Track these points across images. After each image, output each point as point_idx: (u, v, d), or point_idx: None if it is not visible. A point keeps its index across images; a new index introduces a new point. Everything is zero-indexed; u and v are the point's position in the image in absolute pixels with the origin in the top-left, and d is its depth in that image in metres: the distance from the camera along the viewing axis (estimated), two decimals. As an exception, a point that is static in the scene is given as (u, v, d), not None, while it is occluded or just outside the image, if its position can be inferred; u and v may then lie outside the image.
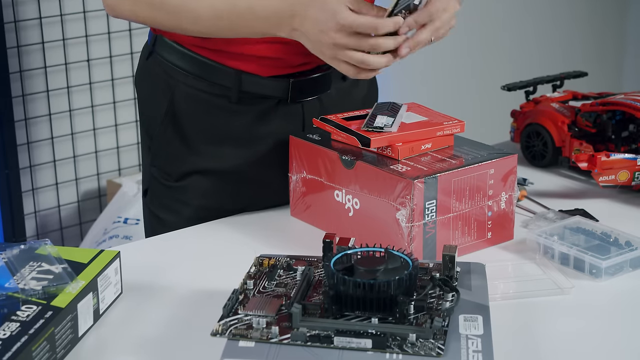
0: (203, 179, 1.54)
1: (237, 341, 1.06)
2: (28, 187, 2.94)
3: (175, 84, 1.53)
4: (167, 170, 1.57)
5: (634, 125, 1.68)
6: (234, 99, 1.52)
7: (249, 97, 1.52)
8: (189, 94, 1.53)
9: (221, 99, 1.53)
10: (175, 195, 1.57)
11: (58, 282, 1.18)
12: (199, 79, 1.52)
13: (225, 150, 1.54)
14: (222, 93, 1.52)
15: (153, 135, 1.58)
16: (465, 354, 1.03)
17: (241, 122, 1.53)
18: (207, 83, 1.52)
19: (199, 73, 1.52)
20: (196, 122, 1.54)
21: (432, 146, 1.43)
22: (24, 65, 2.86)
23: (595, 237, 1.42)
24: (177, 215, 1.56)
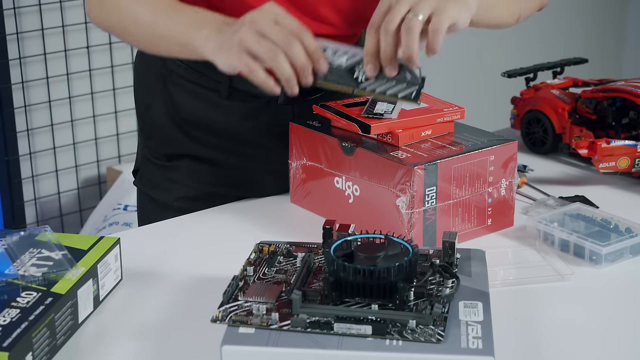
0: (195, 162, 1.54)
1: (237, 327, 1.06)
2: (28, 174, 2.94)
3: (169, 73, 1.53)
4: (160, 152, 1.57)
5: (635, 112, 1.68)
6: (224, 94, 1.52)
7: (239, 94, 1.52)
8: (181, 85, 1.53)
9: (212, 93, 1.52)
10: (166, 174, 1.57)
11: (58, 269, 1.18)
12: (190, 70, 1.51)
13: (216, 140, 1.53)
14: (213, 87, 1.52)
15: (147, 118, 1.58)
16: (465, 340, 1.03)
17: (230, 118, 1.53)
18: (198, 75, 1.52)
19: (191, 65, 1.51)
20: (189, 110, 1.53)
21: (432, 133, 1.43)
22: (24, 52, 2.85)
23: (595, 224, 1.42)
24: (168, 193, 1.56)
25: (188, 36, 1.26)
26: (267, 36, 1.16)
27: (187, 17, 1.28)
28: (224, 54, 1.21)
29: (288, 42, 1.15)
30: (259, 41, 1.16)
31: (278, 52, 1.15)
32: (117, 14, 1.35)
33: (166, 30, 1.30)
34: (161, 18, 1.30)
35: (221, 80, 1.51)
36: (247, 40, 1.17)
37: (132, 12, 1.33)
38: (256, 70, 1.17)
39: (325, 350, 1.02)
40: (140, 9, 1.32)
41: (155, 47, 1.34)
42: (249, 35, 1.17)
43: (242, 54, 1.18)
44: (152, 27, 1.31)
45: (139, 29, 1.32)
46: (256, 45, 1.16)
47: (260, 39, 1.16)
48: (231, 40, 1.19)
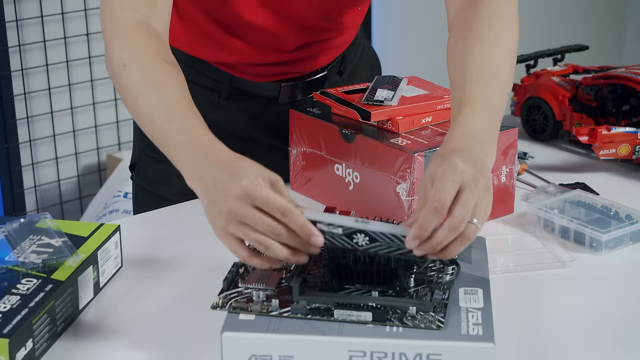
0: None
1: (237, 314, 1.06)
2: (28, 161, 2.94)
3: None
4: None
5: (635, 99, 1.68)
6: (225, 94, 1.51)
7: (239, 93, 1.51)
8: None
9: (211, 93, 1.51)
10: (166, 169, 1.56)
11: (58, 256, 1.18)
12: (189, 69, 1.51)
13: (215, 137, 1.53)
14: (212, 87, 1.51)
15: None
16: (466, 327, 1.03)
17: (230, 117, 1.52)
18: (198, 74, 1.51)
19: (190, 64, 1.51)
20: None
21: (432, 120, 1.43)
22: (23, 39, 2.85)
23: (595, 211, 1.42)
24: (167, 187, 1.55)
25: (176, 163, 1.16)
26: (252, 227, 1.07)
27: (175, 135, 1.16)
28: (212, 225, 1.11)
29: (275, 230, 1.06)
30: (246, 234, 1.07)
31: (268, 242, 1.07)
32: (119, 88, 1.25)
33: (159, 138, 1.18)
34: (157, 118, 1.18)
35: (221, 81, 1.50)
36: (233, 231, 1.08)
37: (132, 94, 1.21)
38: (247, 258, 1.09)
39: (326, 337, 1.02)
40: (143, 95, 1.20)
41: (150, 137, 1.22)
42: (233, 227, 1.07)
43: (230, 241, 1.09)
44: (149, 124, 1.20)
45: (137, 116, 1.22)
46: (243, 237, 1.08)
47: (246, 230, 1.07)
48: (215, 221, 1.09)
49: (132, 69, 1.20)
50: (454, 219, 1.05)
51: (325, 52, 1.53)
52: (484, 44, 1.23)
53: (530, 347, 1.12)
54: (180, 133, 1.15)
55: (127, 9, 1.24)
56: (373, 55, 1.69)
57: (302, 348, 1.02)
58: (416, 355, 1.01)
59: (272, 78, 1.51)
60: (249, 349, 1.03)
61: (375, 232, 1.07)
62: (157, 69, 1.21)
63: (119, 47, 1.23)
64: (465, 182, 1.07)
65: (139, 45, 1.22)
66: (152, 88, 1.19)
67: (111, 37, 1.24)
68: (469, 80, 1.19)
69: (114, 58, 1.23)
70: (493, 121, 1.17)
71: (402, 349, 1.01)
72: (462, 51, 1.22)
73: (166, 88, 1.19)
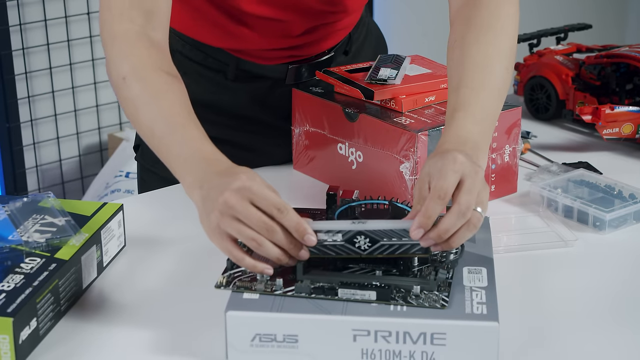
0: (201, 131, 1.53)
1: (241, 293, 1.06)
2: (29, 141, 2.93)
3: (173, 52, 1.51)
4: None
5: (638, 78, 1.67)
6: (231, 76, 1.51)
7: (245, 75, 1.51)
8: (185, 65, 1.50)
9: (217, 75, 1.51)
10: None
11: (61, 235, 1.18)
12: (196, 50, 1.50)
13: (221, 119, 1.52)
14: (219, 68, 1.51)
15: None
16: (470, 306, 1.03)
17: (237, 99, 1.52)
18: (204, 55, 1.50)
19: (197, 45, 1.50)
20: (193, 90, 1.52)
21: (435, 99, 1.43)
22: (24, 18, 2.84)
23: (599, 190, 1.41)
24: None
25: (176, 173, 1.16)
26: (247, 224, 1.06)
27: (176, 147, 1.16)
28: (205, 227, 1.10)
29: (269, 228, 1.05)
30: (239, 230, 1.06)
31: (261, 239, 1.06)
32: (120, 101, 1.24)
33: (160, 149, 1.18)
34: (157, 130, 1.18)
35: (228, 63, 1.50)
36: (225, 226, 1.06)
37: (133, 106, 1.20)
38: (241, 260, 1.07)
39: (330, 316, 1.02)
40: (143, 107, 1.20)
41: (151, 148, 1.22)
42: (226, 222, 1.06)
43: (223, 239, 1.08)
44: (150, 135, 1.19)
45: (138, 128, 1.22)
46: (236, 234, 1.06)
47: (239, 226, 1.06)
48: (209, 218, 1.08)
49: (132, 81, 1.20)
50: (460, 205, 1.06)
51: (332, 35, 1.53)
52: (482, 45, 1.23)
53: (534, 326, 1.12)
54: (181, 144, 1.15)
55: (125, 21, 1.24)
56: (378, 33, 1.68)
57: (306, 327, 1.02)
58: (420, 334, 1.01)
59: (279, 61, 1.51)
60: (253, 328, 1.03)
61: (374, 231, 1.07)
62: (157, 81, 1.21)
63: (119, 60, 1.22)
64: (465, 172, 1.08)
65: (138, 58, 1.22)
66: (153, 100, 1.19)
67: (110, 50, 1.24)
68: (463, 84, 1.20)
69: (114, 70, 1.22)
70: (486, 126, 1.18)
71: (406, 327, 1.01)
72: (460, 52, 1.23)
73: (166, 99, 1.19)
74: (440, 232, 1.06)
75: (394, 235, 1.06)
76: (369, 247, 1.07)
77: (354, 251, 1.07)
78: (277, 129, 1.54)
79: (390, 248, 1.07)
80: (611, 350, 1.09)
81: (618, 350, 1.09)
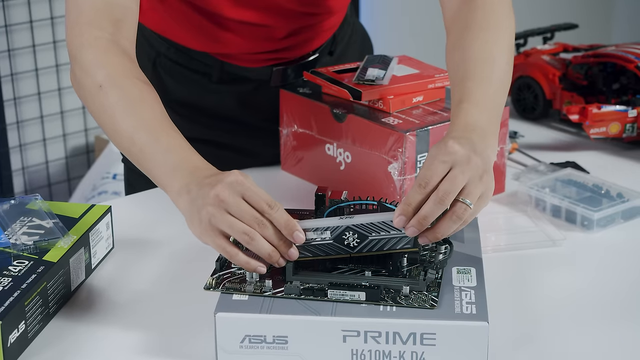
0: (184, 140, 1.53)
1: (230, 295, 1.06)
2: (15, 143, 2.92)
3: (157, 55, 1.51)
4: None
5: (625, 77, 1.68)
6: (216, 78, 1.50)
7: (230, 77, 1.51)
8: (170, 68, 1.50)
9: (202, 77, 1.50)
10: None
11: (49, 237, 1.17)
12: (180, 52, 1.50)
13: (207, 120, 1.52)
14: (203, 71, 1.50)
15: None
16: (459, 306, 1.03)
17: (222, 100, 1.52)
18: (188, 58, 1.50)
19: (180, 48, 1.50)
20: (179, 93, 1.52)
21: (423, 99, 1.43)
22: (10, 20, 2.83)
23: (586, 189, 1.42)
24: None
25: (161, 182, 1.15)
26: (238, 217, 1.06)
27: (161, 155, 1.15)
28: (195, 227, 1.09)
29: (260, 222, 1.05)
30: (230, 224, 1.06)
31: (253, 233, 1.05)
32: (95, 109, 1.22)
33: (141, 157, 1.17)
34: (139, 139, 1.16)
35: (212, 65, 1.50)
36: (217, 221, 1.06)
37: (110, 114, 1.19)
38: (234, 255, 1.07)
39: (320, 317, 1.02)
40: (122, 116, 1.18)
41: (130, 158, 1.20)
42: (218, 216, 1.06)
43: (216, 235, 1.07)
44: (129, 144, 1.18)
45: (115, 136, 1.19)
46: (228, 228, 1.06)
47: (231, 220, 1.06)
48: (200, 215, 1.07)
49: (109, 89, 1.19)
50: (437, 192, 1.05)
51: (317, 36, 1.53)
52: (481, 42, 1.22)
53: (523, 325, 1.12)
54: (166, 152, 1.15)
55: (95, 29, 1.23)
56: (363, 33, 1.68)
57: (296, 328, 1.02)
58: (410, 334, 1.01)
59: (263, 63, 1.50)
60: (243, 330, 1.03)
61: (362, 225, 1.07)
62: (134, 89, 1.20)
63: (93, 68, 1.21)
64: (456, 161, 1.06)
65: (113, 66, 1.21)
66: (132, 108, 1.18)
67: (80, 58, 1.23)
68: (467, 78, 1.18)
69: (87, 79, 1.21)
70: (492, 115, 1.16)
71: (395, 328, 1.01)
72: (461, 52, 1.22)
73: (146, 108, 1.19)
74: (419, 218, 1.05)
75: (382, 229, 1.06)
76: (357, 244, 1.07)
77: (343, 250, 1.07)
78: (262, 130, 1.54)
79: (378, 243, 1.07)
80: (600, 348, 1.09)
81: (607, 349, 1.09)
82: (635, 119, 1.59)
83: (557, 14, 3.66)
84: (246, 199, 1.06)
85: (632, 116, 1.59)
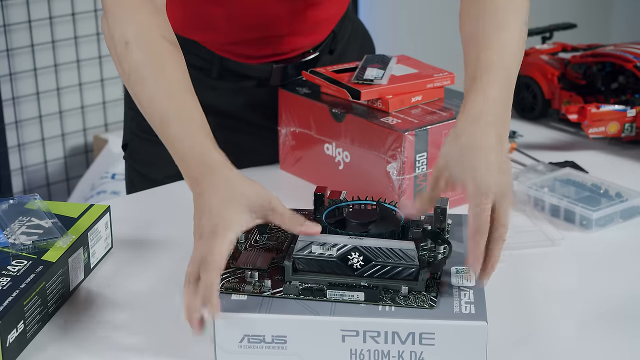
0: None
1: (229, 294, 1.06)
2: (14, 142, 2.92)
3: None
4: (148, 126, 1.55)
5: (624, 77, 1.68)
6: (215, 74, 1.50)
7: (230, 74, 1.51)
8: None
9: (201, 73, 1.50)
10: (156, 152, 1.55)
11: (48, 237, 1.17)
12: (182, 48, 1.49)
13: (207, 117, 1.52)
14: (202, 66, 1.50)
15: None
16: (458, 306, 1.03)
17: (221, 97, 1.51)
18: (187, 52, 1.50)
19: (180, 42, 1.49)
20: None
21: (422, 98, 1.43)
22: (8, 20, 2.83)
23: (585, 189, 1.42)
24: (160, 169, 1.55)
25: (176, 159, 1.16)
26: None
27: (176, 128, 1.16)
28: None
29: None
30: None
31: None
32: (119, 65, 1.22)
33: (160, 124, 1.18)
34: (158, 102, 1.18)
35: (212, 61, 1.49)
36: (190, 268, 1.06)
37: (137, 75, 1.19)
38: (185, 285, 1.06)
39: (318, 317, 1.02)
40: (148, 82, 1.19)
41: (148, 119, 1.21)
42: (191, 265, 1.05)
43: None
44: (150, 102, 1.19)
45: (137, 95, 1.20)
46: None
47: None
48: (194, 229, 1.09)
49: (135, 47, 1.19)
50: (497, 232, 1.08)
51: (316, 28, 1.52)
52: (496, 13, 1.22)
53: (522, 325, 1.12)
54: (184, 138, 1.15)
55: None
56: (364, 31, 1.68)
57: (295, 328, 1.02)
58: (409, 334, 1.01)
59: (263, 60, 1.50)
60: (242, 330, 1.03)
61: (371, 248, 1.06)
62: (159, 49, 1.20)
63: (122, 22, 1.21)
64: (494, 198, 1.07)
65: (142, 23, 1.21)
66: (158, 74, 1.18)
67: (113, 11, 1.23)
68: (483, 48, 1.18)
69: (116, 33, 1.21)
70: (509, 86, 1.18)
71: (394, 328, 1.01)
72: (474, 20, 1.22)
73: (171, 73, 1.19)
74: (491, 263, 1.08)
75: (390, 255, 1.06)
76: (360, 266, 1.06)
77: (347, 270, 1.07)
78: (262, 128, 1.54)
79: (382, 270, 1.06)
80: (598, 348, 1.09)
81: (605, 348, 1.09)
82: (634, 119, 1.59)
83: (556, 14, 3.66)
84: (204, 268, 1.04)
85: (630, 116, 1.59)
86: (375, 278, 1.06)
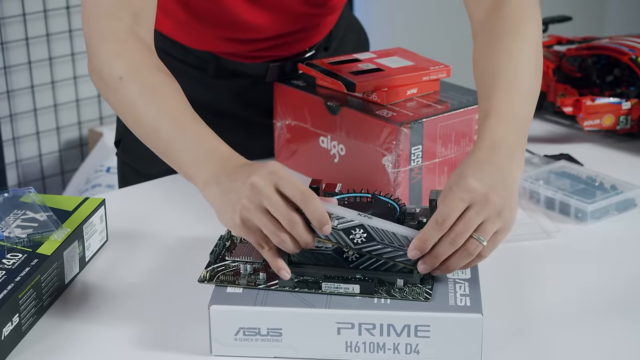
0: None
1: (224, 287, 1.06)
2: (9, 136, 2.92)
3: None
4: None
5: (619, 70, 1.68)
6: (212, 72, 1.50)
7: (226, 72, 1.50)
8: (165, 61, 1.50)
9: (198, 71, 1.50)
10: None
11: (43, 230, 1.17)
12: (176, 46, 1.49)
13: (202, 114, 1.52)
14: (199, 65, 1.50)
15: None
16: (453, 298, 1.03)
17: (218, 95, 1.51)
18: (184, 52, 1.50)
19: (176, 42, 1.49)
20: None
21: (417, 91, 1.43)
22: (2, 13, 2.82)
23: (580, 182, 1.42)
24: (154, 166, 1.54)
25: (189, 171, 1.14)
26: (270, 211, 1.05)
27: (187, 145, 1.14)
28: (227, 219, 1.08)
29: (291, 221, 1.04)
30: (263, 223, 1.05)
31: (283, 236, 1.05)
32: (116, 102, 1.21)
33: (166, 146, 1.16)
34: (165, 130, 1.16)
35: (208, 59, 1.49)
36: (251, 216, 1.05)
37: (133, 107, 1.18)
38: (264, 250, 1.07)
39: (314, 309, 1.02)
40: (146, 107, 1.17)
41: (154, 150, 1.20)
42: (252, 211, 1.05)
43: (250, 231, 1.07)
44: (154, 133, 1.17)
45: (138, 127, 1.19)
46: (261, 224, 1.05)
47: (263, 220, 1.05)
48: (234, 208, 1.06)
49: (130, 81, 1.18)
50: (450, 233, 1.04)
51: (316, 34, 1.52)
52: (509, 53, 1.20)
53: (517, 318, 1.12)
54: (194, 142, 1.14)
55: (114, 20, 1.22)
56: (359, 27, 1.68)
57: (290, 320, 1.02)
58: (404, 326, 1.01)
59: (259, 60, 1.50)
60: (237, 322, 1.03)
61: (377, 229, 1.06)
62: (155, 80, 1.19)
63: (111, 59, 1.20)
64: (474, 200, 1.05)
65: (132, 58, 1.20)
66: (155, 100, 1.18)
67: (99, 49, 1.22)
68: (494, 91, 1.16)
69: (106, 70, 1.20)
70: (520, 130, 1.14)
71: (390, 320, 1.01)
72: (489, 62, 1.20)
73: (169, 99, 1.18)
74: (431, 257, 1.05)
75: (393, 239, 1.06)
76: (362, 242, 1.06)
77: (348, 242, 1.06)
78: (258, 125, 1.54)
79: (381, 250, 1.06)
80: (594, 340, 1.09)
81: (601, 340, 1.09)
82: (629, 111, 1.59)
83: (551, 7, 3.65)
84: (281, 189, 1.05)
85: (625, 108, 1.59)
86: (370, 270, 1.06)
